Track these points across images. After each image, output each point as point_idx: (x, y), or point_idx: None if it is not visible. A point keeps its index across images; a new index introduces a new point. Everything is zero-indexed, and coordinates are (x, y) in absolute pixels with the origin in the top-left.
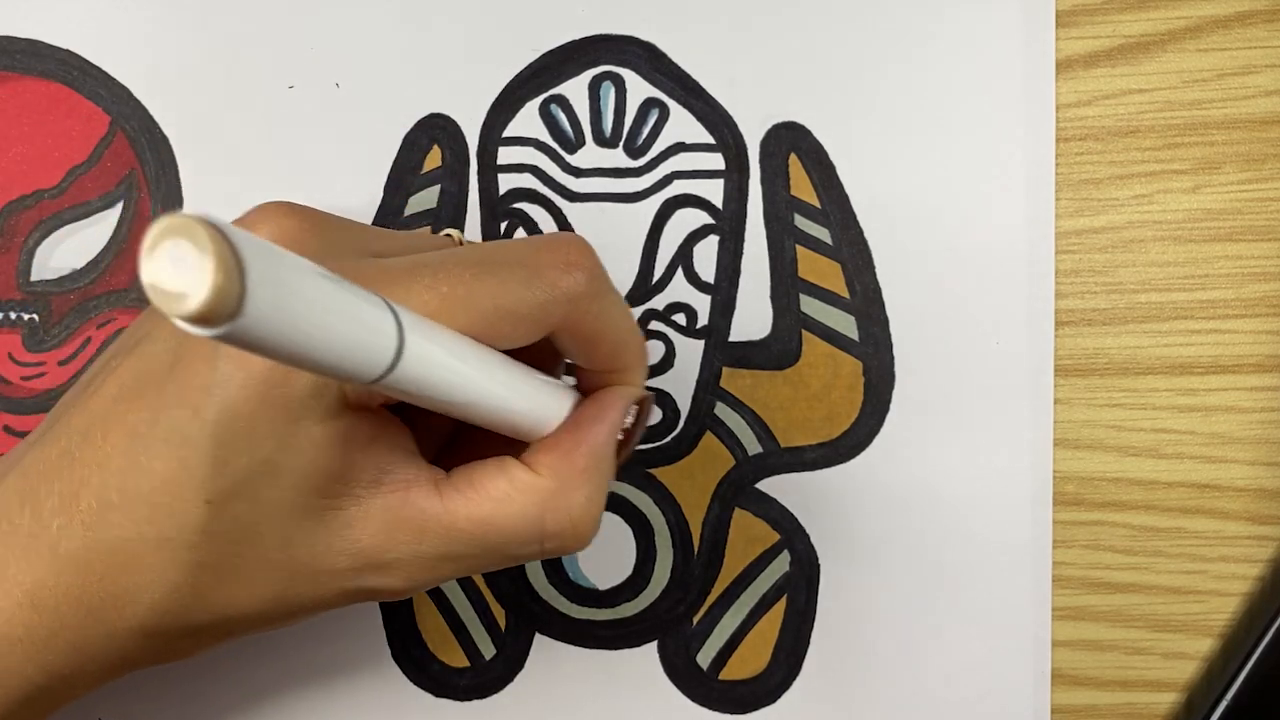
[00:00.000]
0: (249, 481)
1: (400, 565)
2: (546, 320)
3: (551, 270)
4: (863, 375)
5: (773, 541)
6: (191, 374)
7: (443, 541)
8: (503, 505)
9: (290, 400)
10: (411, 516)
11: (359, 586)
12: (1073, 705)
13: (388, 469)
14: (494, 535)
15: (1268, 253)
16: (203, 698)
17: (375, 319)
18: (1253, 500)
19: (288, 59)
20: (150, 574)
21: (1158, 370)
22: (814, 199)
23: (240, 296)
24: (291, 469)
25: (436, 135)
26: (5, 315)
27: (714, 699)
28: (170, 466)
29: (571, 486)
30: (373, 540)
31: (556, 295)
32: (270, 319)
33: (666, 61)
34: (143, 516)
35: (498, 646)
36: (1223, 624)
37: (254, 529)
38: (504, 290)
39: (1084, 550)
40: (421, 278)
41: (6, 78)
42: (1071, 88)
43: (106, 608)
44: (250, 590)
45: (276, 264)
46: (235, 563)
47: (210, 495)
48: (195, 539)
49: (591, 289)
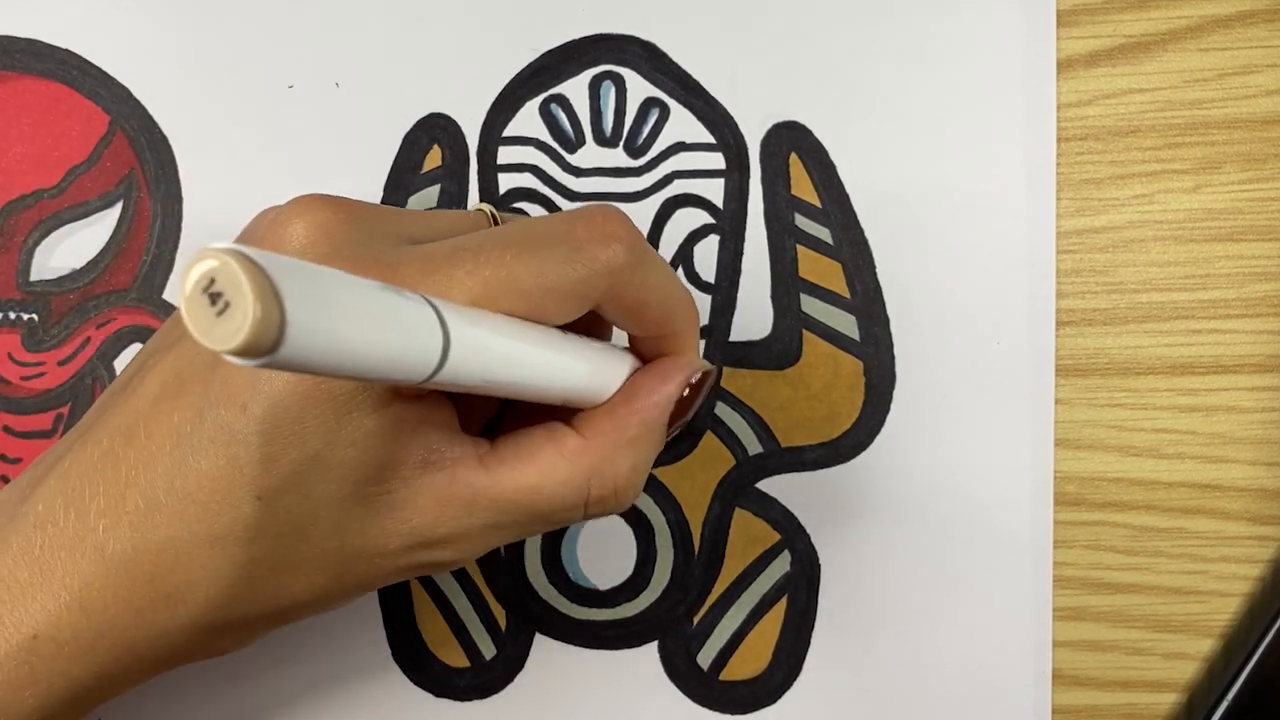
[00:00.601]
0: (298, 476)
1: (451, 540)
2: (589, 295)
3: (590, 245)
4: (863, 375)
5: (773, 541)
6: (236, 371)
7: (492, 513)
8: (550, 473)
9: (338, 394)
10: (459, 493)
11: (411, 563)
12: (1073, 705)
13: (434, 449)
14: (541, 503)
15: (1268, 253)
16: (203, 698)
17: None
18: (1254, 500)
19: (288, 59)
20: (202, 571)
21: (1158, 370)
22: (814, 199)
23: (280, 327)
24: (341, 462)
25: (436, 135)
26: (5, 315)
27: (714, 699)
28: (218, 464)
29: (620, 453)
30: (423, 519)
31: (598, 269)
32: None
33: (667, 61)
34: (192, 515)
35: (498, 646)
36: (1224, 624)
37: (305, 522)
38: (545, 269)
39: (1085, 550)
40: (463, 263)
41: (6, 78)
42: (1072, 88)
43: (157, 607)
44: (305, 579)
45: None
46: (288, 555)
47: (260, 492)
48: (246, 535)
49: (631, 259)
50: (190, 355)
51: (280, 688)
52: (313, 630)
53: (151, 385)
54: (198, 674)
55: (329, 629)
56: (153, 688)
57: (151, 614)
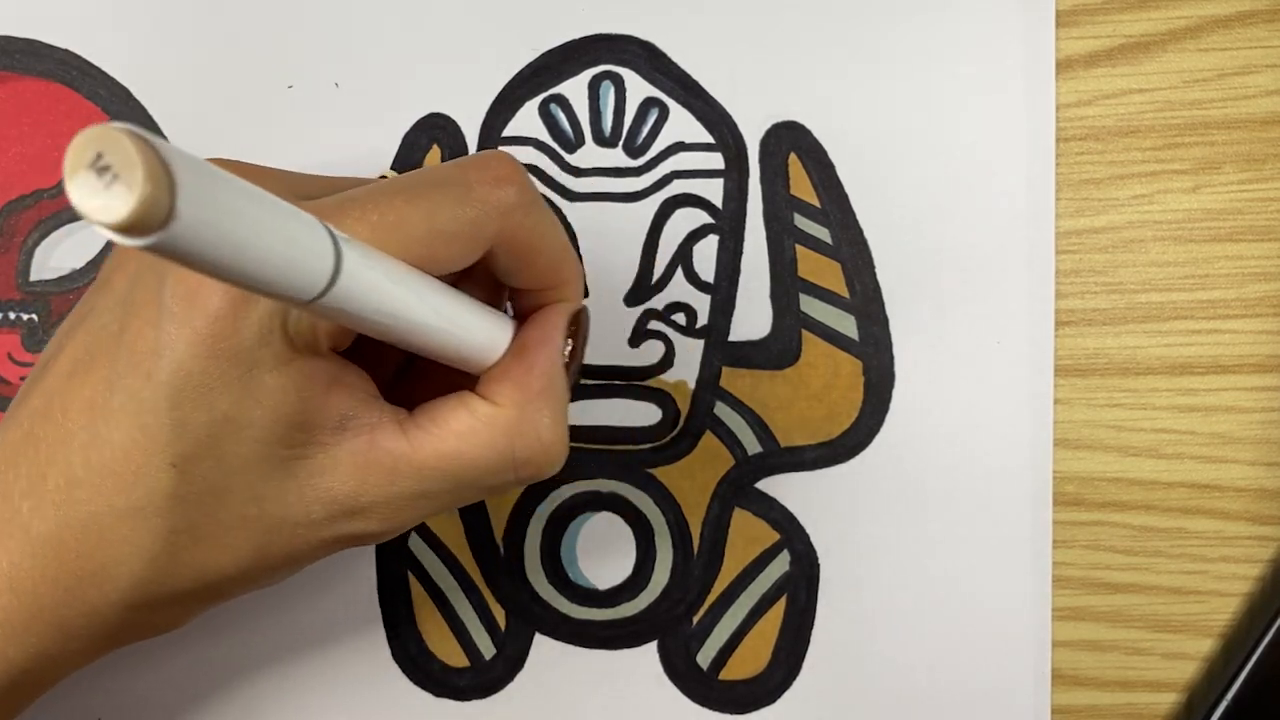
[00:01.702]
0: (211, 440)
1: (376, 508)
2: (481, 236)
3: (481, 186)
4: (863, 375)
5: (772, 541)
6: (139, 339)
7: (415, 480)
8: (469, 439)
9: (238, 351)
10: (380, 459)
11: (337, 534)
12: (1073, 705)
13: (350, 414)
14: (465, 469)
15: (1268, 253)
16: (202, 698)
17: (311, 236)
18: (1253, 500)
19: (288, 59)
20: (126, 546)
21: (1158, 370)
22: (814, 198)
23: (170, 204)
24: (251, 421)
25: (436, 135)
26: (5, 315)
27: (714, 699)
28: (131, 435)
29: (533, 411)
30: (344, 486)
31: (489, 210)
32: (201, 229)
33: (666, 61)
34: (110, 488)
35: (498, 646)
36: (1223, 624)
37: (223, 488)
38: (436, 211)
39: (1084, 550)
40: (351, 210)
41: (6, 78)
42: (1071, 88)
43: (85, 585)
44: (229, 550)
45: (208, 176)
46: (209, 524)
47: (174, 459)
48: (165, 505)
49: (523, 200)
50: (98, 329)
51: (280, 687)
52: (313, 630)
53: (64, 363)
54: (197, 673)
55: (329, 629)
56: (151, 688)
57: (80, 592)
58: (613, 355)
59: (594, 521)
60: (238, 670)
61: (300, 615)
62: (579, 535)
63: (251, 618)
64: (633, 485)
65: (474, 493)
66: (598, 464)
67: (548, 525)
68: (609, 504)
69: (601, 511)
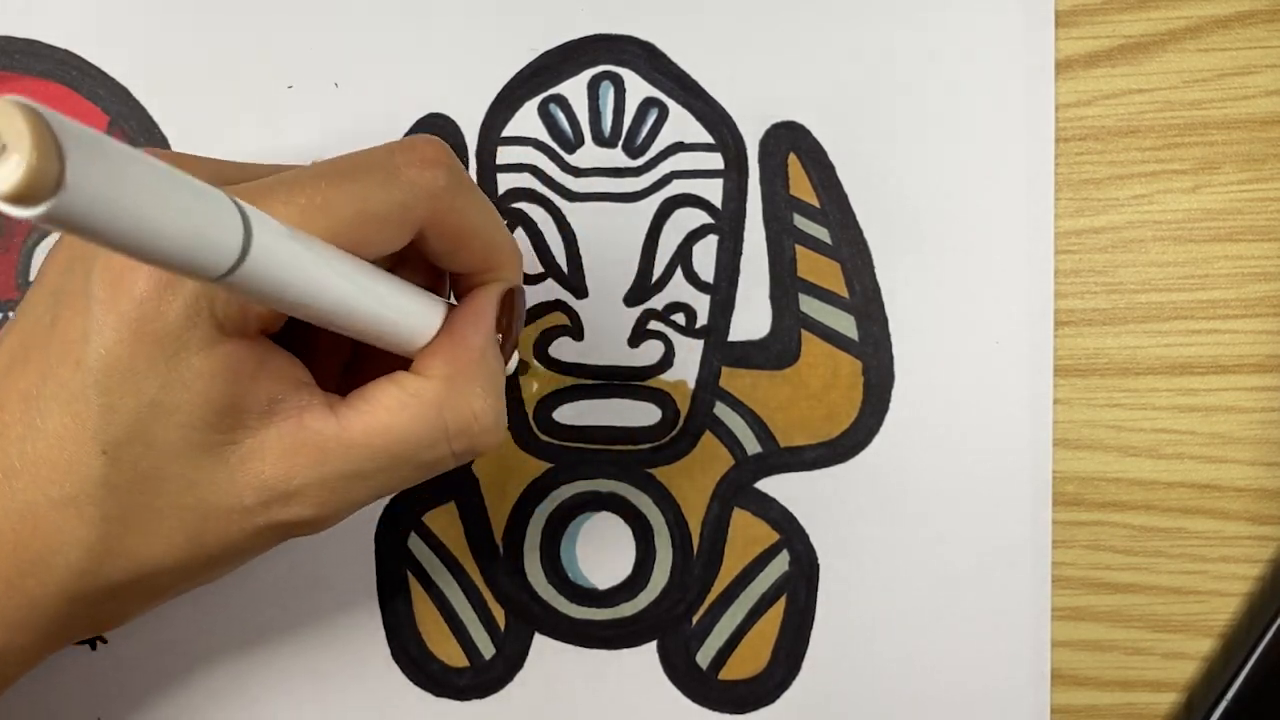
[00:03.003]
0: (140, 425)
1: (307, 491)
2: (409, 219)
3: (409, 169)
4: (862, 375)
5: (772, 541)
6: (69, 328)
7: (344, 460)
8: (397, 413)
9: (164, 334)
10: (308, 439)
11: (271, 521)
12: (1073, 705)
13: (279, 397)
14: (395, 444)
15: (1268, 253)
16: (201, 698)
17: (218, 211)
18: (1253, 500)
19: (288, 59)
20: (60, 535)
21: (1158, 370)
22: (813, 198)
23: (59, 173)
24: (179, 405)
25: (435, 135)
26: (5, 315)
27: (714, 699)
28: (63, 422)
29: (463, 381)
30: (274, 469)
31: (417, 193)
32: (94, 198)
33: (665, 61)
34: (44, 477)
35: (497, 646)
36: (1223, 624)
37: (154, 474)
38: (363, 194)
39: (1084, 550)
40: (277, 193)
41: (6, 78)
42: (1071, 88)
43: (24, 576)
44: (162, 539)
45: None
46: (142, 512)
47: (105, 445)
48: (98, 492)
49: (451, 183)
50: (32, 321)
51: (280, 687)
52: (313, 630)
53: (1, 359)
54: (196, 674)
55: (329, 628)
56: (150, 688)
57: (20, 583)
58: (612, 355)
59: (594, 521)
60: (238, 670)
61: (300, 615)
62: (579, 535)
63: (251, 618)
64: (632, 485)
65: (410, 469)
66: (597, 464)
67: (547, 525)
68: (608, 504)
69: (601, 511)
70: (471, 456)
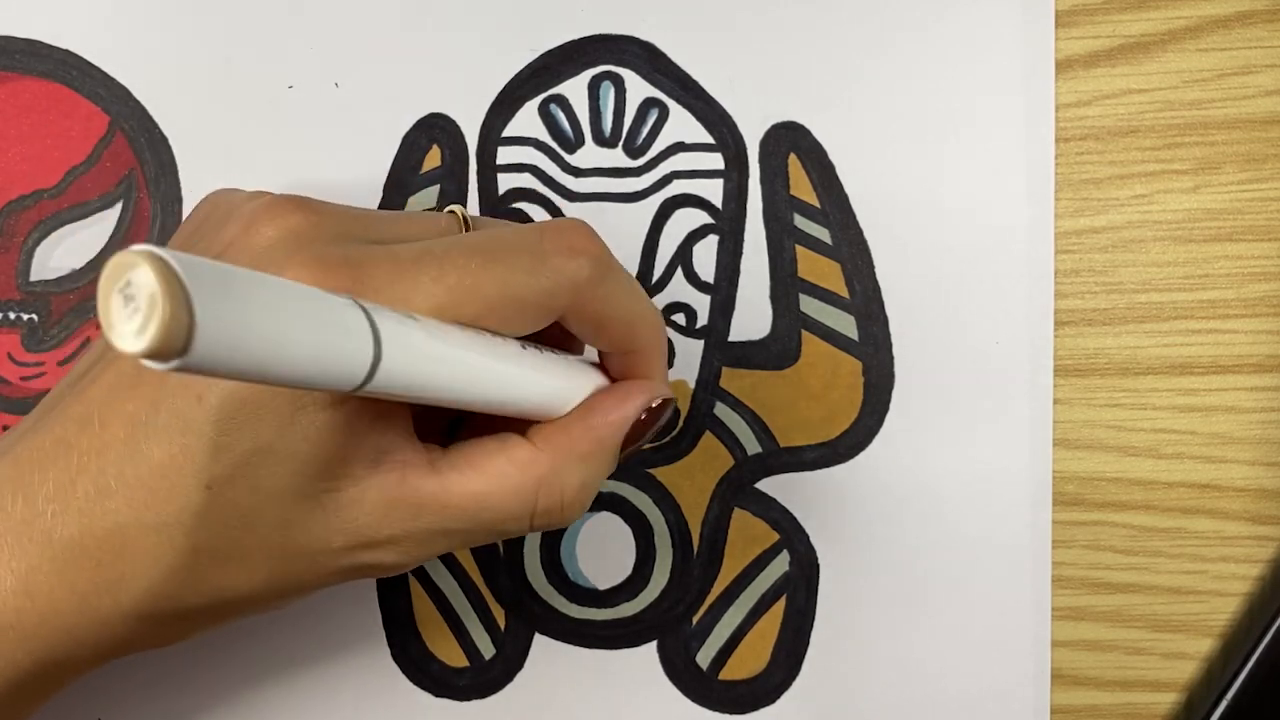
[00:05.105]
0: (248, 466)
1: (396, 542)
2: (552, 306)
3: (556, 257)
4: (862, 375)
5: (772, 541)
6: None
7: (438, 519)
8: (499, 481)
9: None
10: (407, 495)
11: (354, 564)
12: (1073, 705)
13: (386, 450)
14: (489, 512)
15: (1268, 253)
16: (202, 698)
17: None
18: (1253, 500)
19: (288, 59)
20: (146, 558)
21: (1158, 370)
22: (813, 199)
23: (189, 331)
24: (292, 454)
25: (436, 135)
26: (5, 315)
27: (713, 699)
28: (171, 452)
29: (569, 467)
30: (369, 519)
31: (561, 282)
32: (223, 347)
33: (666, 61)
34: (140, 502)
35: (497, 646)
36: (1223, 624)
37: (252, 513)
38: (510, 278)
39: (1084, 550)
40: (428, 269)
41: (6, 78)
42: (1071, 88)
43: (100, 593)
44: (246, 573)
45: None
46: (232, 547)
47: (209, 480)
48: (193, 522)
49: (596, 274)
50: None
51: (280, 687)
52: (313, 630)
53: (109, 376)
54: (197, 674)
55: (329, 629)
56: (151, 688)
57: (95, 600)
58: None
59: (593, 521)
60: (238, 670)
61: (300, 616)
62: (578, 535)
63: (251, 618)
64: (632, 485)
65: (488, 535)
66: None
67: None
68: (608, 504)
69: (601, 511)
70: (541, 531)
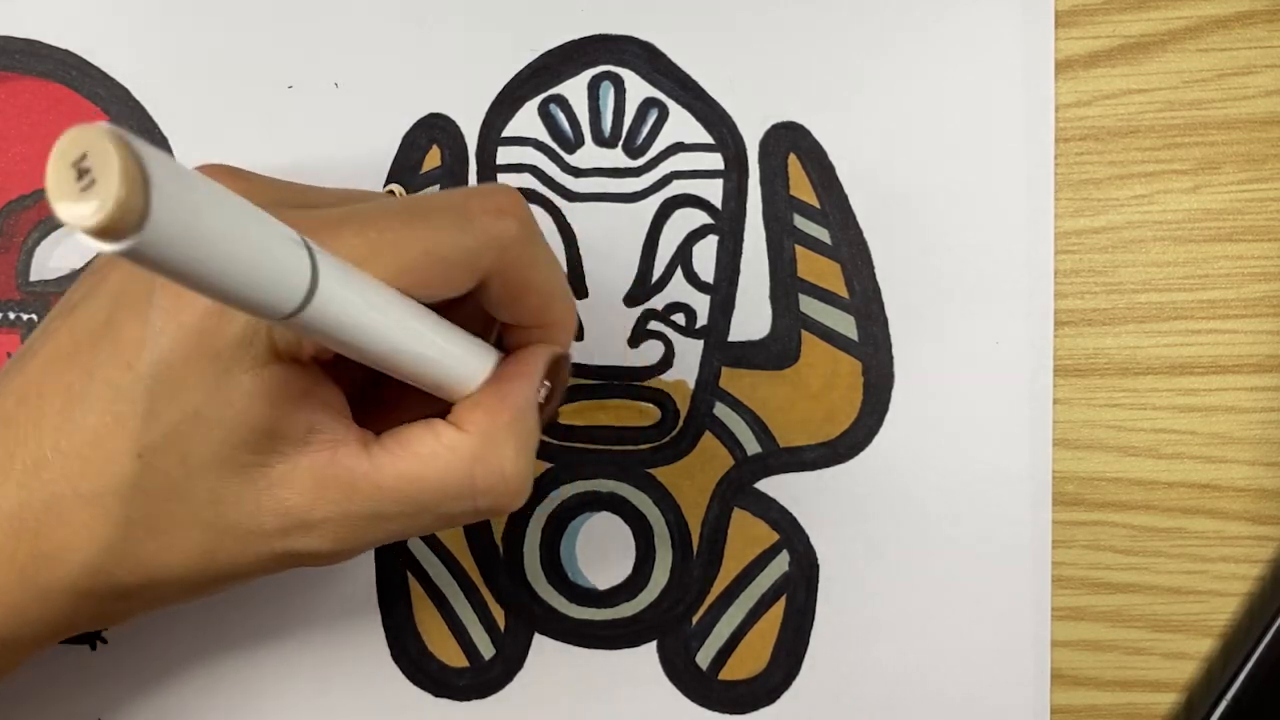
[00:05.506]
0: (178, 434)
1: (328, 525)
2: (477, 265)
3: (483, 216)
4: (862, 375)
5: (772, 541)
6: (125, 329)
7: (371, 500)
8: (430, 462)
9: (220, 350)
10: (339, 475)
11: (287, 549)
12: (1073, 705)
13: (317, 427)
14: (424, 493)
15: (1268, 253)
16: (201, 698)
17: (289, 252)
18: (1253, 500)
19: (288, 59)
20: (82, 530)
21: (1158, 370)
22: (813, 199)
23: (144, 209)
24: (220, 420)
25: (436, 135)
26: (4, 315)
27: (713, 699)
28: (103, 420)
29: (498, 441)
30: (300, 499)
31: (487, 240)
32: (177, 236)
33: (666, 61)
34: (75, 471)
35: (497, 646)
36: (1223, 624)
37: (184, 484)
38: (434, 236)
39: (1084, 550)
40: (351, 224)
41: (6, 78)
42: (1071, 88)
43: (39, 566)
44: (179, 548)
45: (187, 183)
46: (164, 519)
47: (141, 448)
48: (126, 493)
49: (522, 235)
50: (86, 318)
51: (279, 687)
52: (313, 630)
53: (48, 349)
54: (197, 674)
55: (329, 629)
56: (151, 687)
57: (34, 572)
58: (612, 355)
59: (593, 521)
60: (238, 670)
61: (300, 615)
62: (578, 535)
63: (251, 617)
64: (632, 485)
65: (431, 519)
66: (597, 464)
67: (547, 525)
68: (608, 504)
69: (601, 511)
70: (493, 515)
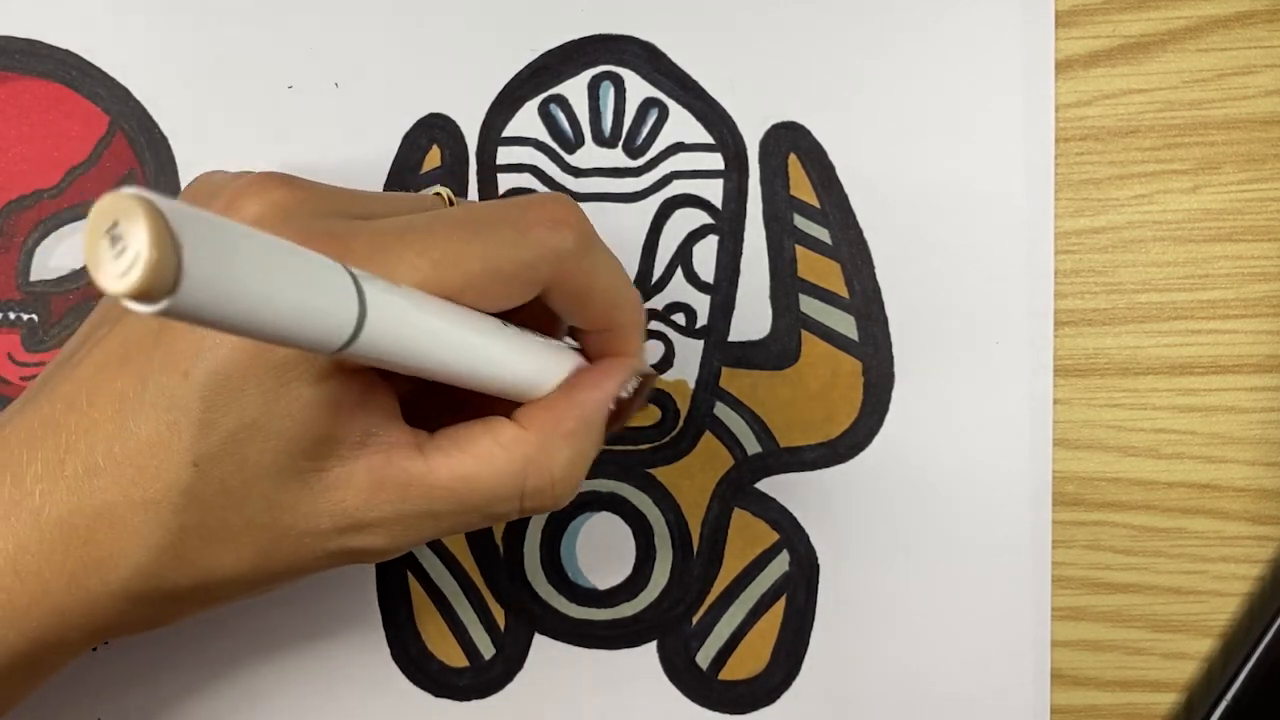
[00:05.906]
0: (235, 443)
1: (383, 524)
2: (535, 279)
3: (539, 228)
4: (862, 375)
5: (772, 541)
6: (180, 339)
7: (425, 500)
8: (486, 462)
9: (280, 363)
10: (394, 475)
11: (342, 547)
12: (1073, 705)
13: (372, 431)
14: (476, 494)
15: (1268, 253)
16: (202, 697)
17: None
18: (1253, 500)
19: (288, 59)
20: (135, 537)
21: (1158, 370)
22: (813, 199)
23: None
24: (278, 431)
25: (436, 135)
26: (5, 315)
27: (713, 699)
28: (158, 429)
29: (556, 446)
30: (356, 500)
31: (544, 253)
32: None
33: (666, 61)
34: (128, 479)
35: (497, 646)
36: (1223, 624)
37: (239, 491)
38: (492, 251)
39: (1084, 550)
40: (412, 243)
41: (6, 78)
42: (1071, 88)
43: (89, 572)
44: (233, 553)
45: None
46: (219, 526)
47: (196, 457)
48: (181, 501)
49: (579, 246)
50: (136, 326)
51: (280, 687)
52: (313, 630)
53: (97, 355)
54: (197, 673)
55: (329, 629)
56: (151, 687)
57: (83, 579)
58: None
59: (593, 522)
60: (238, 670)
61: (300, 615)
62: (578, 535)
63: (252, 618)
64: (632, 485)
65: (479, 518)
66: (597, 464)
67: (547, 525)
68: (608, 504)
69: (601, 511)
70: (534, 514)
